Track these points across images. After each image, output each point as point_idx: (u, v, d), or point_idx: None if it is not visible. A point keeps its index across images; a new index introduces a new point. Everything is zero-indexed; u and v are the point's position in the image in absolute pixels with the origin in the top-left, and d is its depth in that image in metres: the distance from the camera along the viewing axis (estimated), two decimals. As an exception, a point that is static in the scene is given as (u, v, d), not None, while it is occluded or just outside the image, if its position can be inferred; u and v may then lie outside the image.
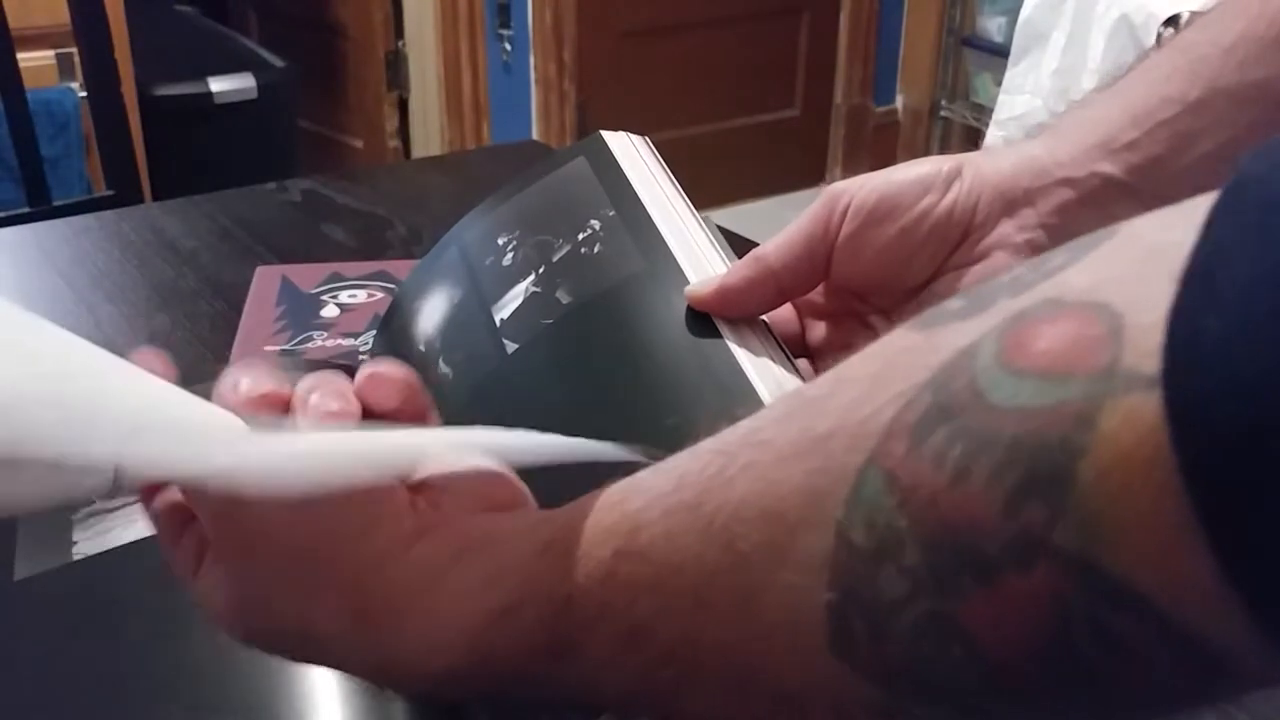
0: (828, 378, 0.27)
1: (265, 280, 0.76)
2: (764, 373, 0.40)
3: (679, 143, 2.40)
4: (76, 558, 0.44)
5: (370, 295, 0.74)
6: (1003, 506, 0.21)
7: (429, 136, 2.62)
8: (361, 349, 0.66)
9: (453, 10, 2.48)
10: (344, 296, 0.74)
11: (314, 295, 0.74)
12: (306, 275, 0.76)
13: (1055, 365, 0.21)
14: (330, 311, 0.72)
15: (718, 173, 2.57)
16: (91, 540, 0.45)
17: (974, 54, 2.71)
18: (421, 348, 0.51)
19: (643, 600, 0.28)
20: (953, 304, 0.25)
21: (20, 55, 1.28)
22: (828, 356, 0.47)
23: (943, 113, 2.81)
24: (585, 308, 0.45)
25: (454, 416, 0.48)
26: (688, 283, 0.44)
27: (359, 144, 2.71)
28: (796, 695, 0.26)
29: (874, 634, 0.24)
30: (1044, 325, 0.22)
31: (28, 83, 1.29)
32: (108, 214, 0.92)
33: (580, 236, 0.47)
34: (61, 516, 0.46)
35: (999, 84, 2.18)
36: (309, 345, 0.68)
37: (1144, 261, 0.21)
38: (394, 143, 2.65)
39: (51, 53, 1.83)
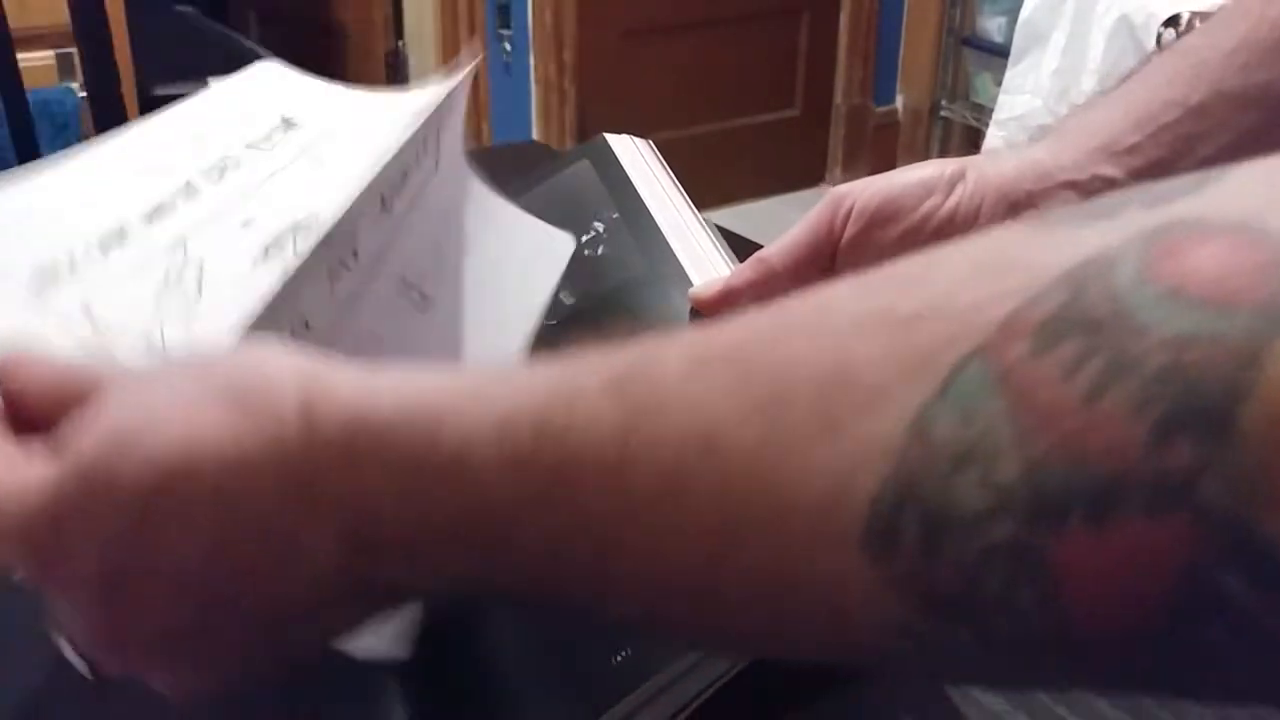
0: (917, 260, 0.23)
1: (265, 280, 0.76)
2: None
3: (679, 143, 2.40)
4: None
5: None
6: (1145, 440, 0.18)
7: (429, 137, 2.62)
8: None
9: (453, 10, 2.48)
10: (344, 297, 0.74)
11: (314, 296, 0.74)
12: (307, 276, 0.76)
13: (1214, 292, 0.19)
14: (330, 312, 0.72)
15: (718, 173, 2.57)
16: None
17: (974, 54, 2.71)
18: None
19: (643, 426, 0.23)
20: (1063, 210, 0.22)
21: (20, 55, 1.28)
22: None
23: (943, 113, 2.81)
24: (588, 309, 0.46)
25: None
26: (690, 284, 0.44)
27: (359, 144, 2.71)
28: (789, 582, 0.22)
29: (928, 547, 0.20)
30: (1195, 244, 0.19)
31: (28, 83, 1.29)
32: (108, 214, 0.92)
33: (584, 239, 0.48)
34: None
35: (999, 84, 2.18)
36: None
37: None
38: (394, 143, 2.65)
39: (51, 53, 1.83)
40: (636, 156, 0.51)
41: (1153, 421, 0.18)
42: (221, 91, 0.47)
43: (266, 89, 0.47)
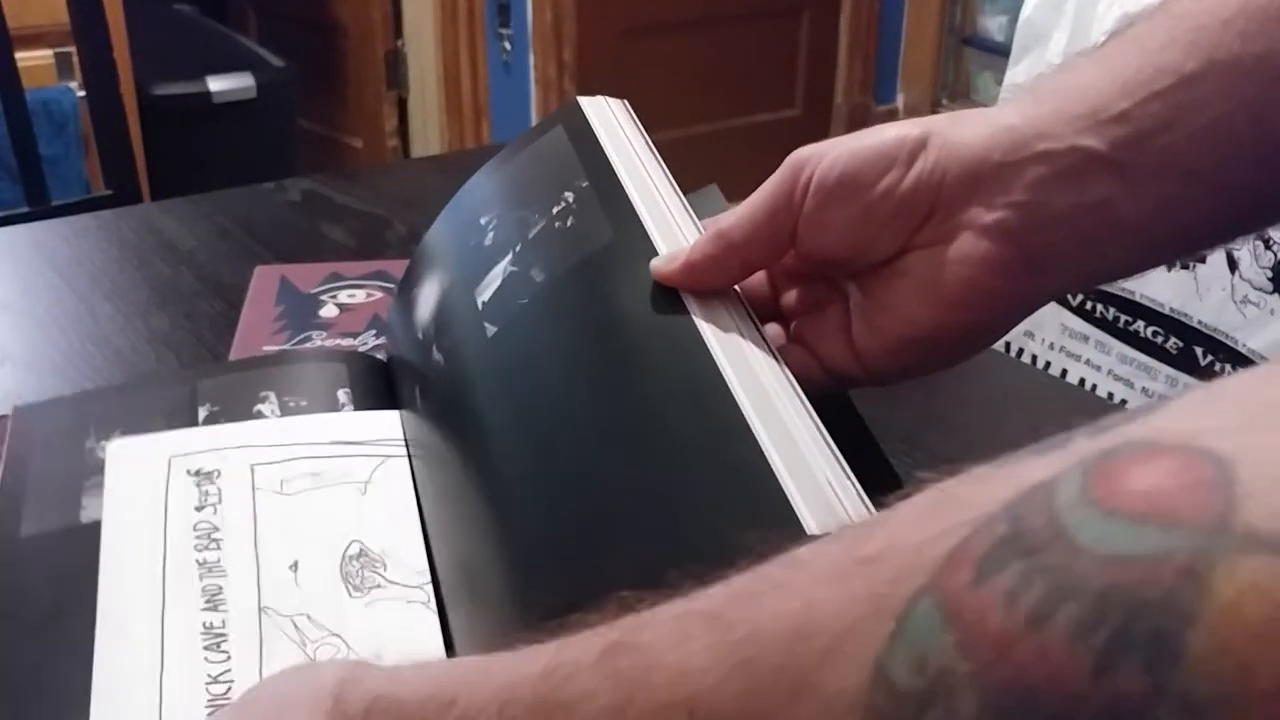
0: (878, 513, 0.24)
1: (264, 280, 0.76)
2: (729, 348, 0.38)
3: (679, 142, 2.39)
4: (84, 521, 0.45)
5: (369, 295, 0.74)
6: (1092, 667, 0.18)
7: (428, 136, 2.62)
8: (360, 348, 0.66)
9: (452, 9, 2.48)
10: (343, 296, 0.74)
11: (313, 295, 0.74)
12: (305, 275, 0.76)
13: (1154, 509, 0.18)
14: (329, 311, 0.72)
15: (718, 172, 2.55)
16: (97, 508, 0.45)
17: (975, 53, 2.71)
18: (419, 335, 0.51)
19: (637, 698, 0.25)
20: (1020, 452, 0.23)
21: (19, 54, 1.28)
22: (801, 330, 0.46)
23: (944, 111, 2.81)
24: (556, 284, 0.44)
25: (445, 406, 0.48)
26: (657, 254, 0.42)
27: (358, 143, 2.71)
28: None
29: None
30: (1137, 464, 0.19)
31: (26, 82, 1.29)
32: (106, 214, 0.92)
33: (555, 210, 0.46)
34: (73, 482, 0.46)
35: (1000, 83, 2.18)
36: (308, 345, 0.68)
37: (1255, 413, 0.19)
38: (393, 142, 2.65)
39: (50, 52, 1.83)
40: (610, 119, 0.49)
41: (1097, 648, 0.18)
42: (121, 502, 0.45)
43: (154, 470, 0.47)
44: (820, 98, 2.84)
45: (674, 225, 0.43)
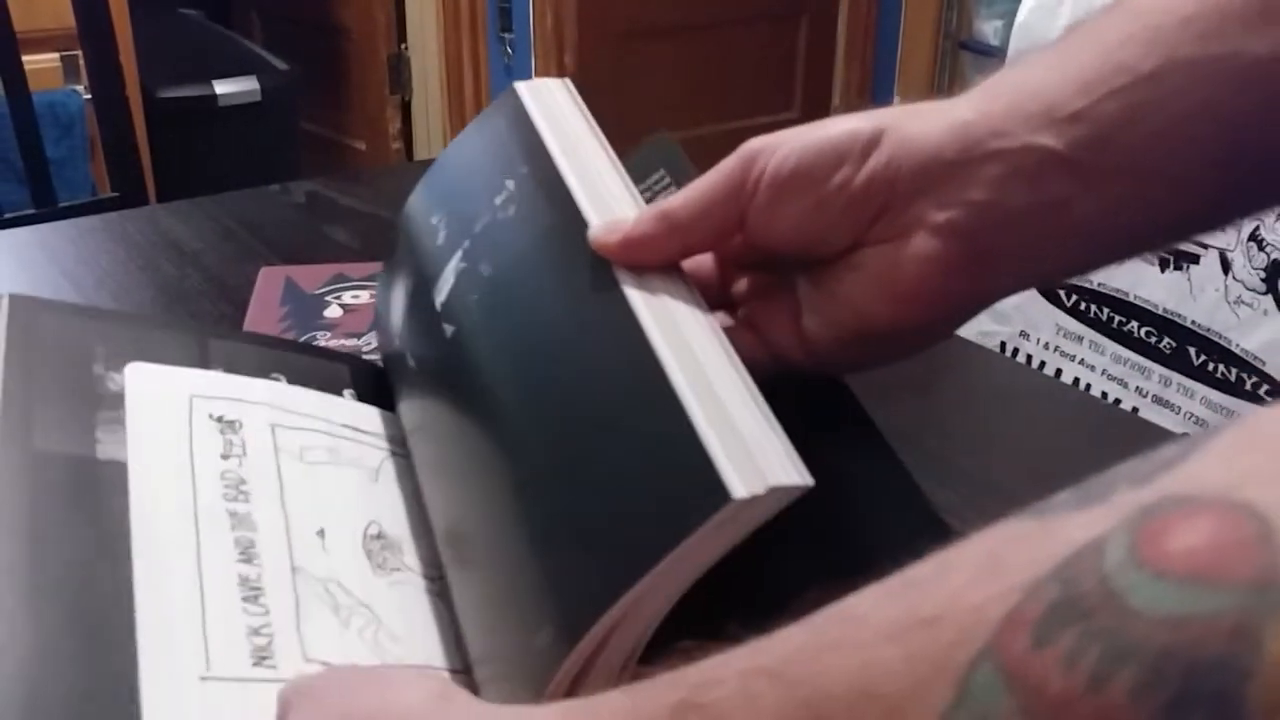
0: (930, 562, 0.24)
1: (269, 281, 0.77)
2: (660, 315, 0.37)
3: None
4: (101, 457, 0.42)
5: (373, 296, 0.75)
6: None
7: (431, 138, 2.63)
8: (364, 349, 0.67)
9: (455, 13, 2.49)
10: (347, 297, 0.75)
11: (317, 296, 0.75)
12: (310, 276, 0.77)
13: (1201, 570, 0.19)
14: (334, 312, 0.73)
15: (718, 174, 2.57)
16: (113, 446, 0.42)
17: (971, 57, 2.72)
18: (397, 343, 0.51)
19: None
20: (1063, 495, 0.23)
21: (25, 58, 1.28)
22: (750, 314, 0.45)
23: (942, 115, 2.81)
24: (501, 276, 0.43)
25: (420, 413, 0.48)
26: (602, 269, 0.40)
27: (362, 146, 2.72)
28: None
29: None
30: (1180, 522, 0.20)
31: (33, 85, 1.30)
32: (112, 215, 0.92)
33: (497, 201, 0.45)
34: (85, 410, 0.43)
35: (997, 86, 2.18)
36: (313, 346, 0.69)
37: None
38: (396, 145, 2.66)
39: (56, 55, 1.84)
40: (548, 101, 0.48)
41: (1160, 706, 0.19)
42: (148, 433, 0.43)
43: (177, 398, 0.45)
44: (818, 101, 2.85)
45: (611, 205, 0.42)
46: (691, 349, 0.36)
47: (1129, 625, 0.19)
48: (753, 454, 0.32)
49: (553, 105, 0.48)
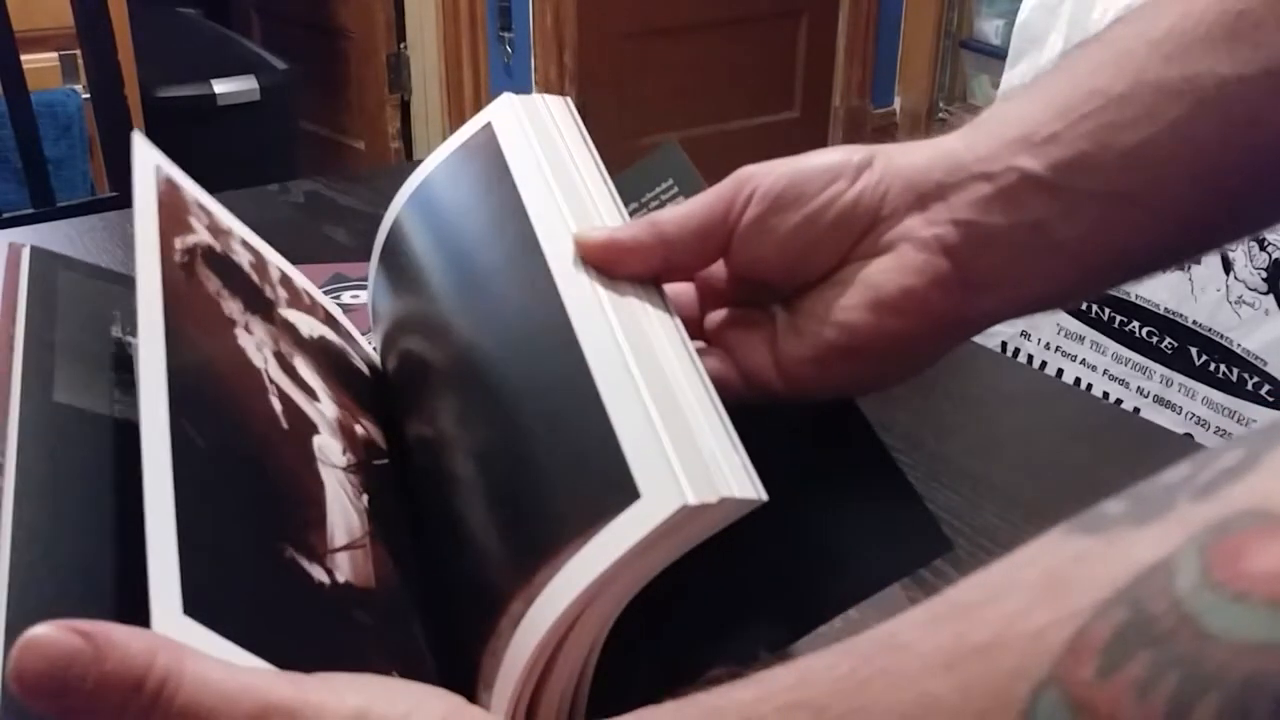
0: (976, 582, 0.23)
1: (268, 280, 0.77)
2: (626, 321, 0.37)
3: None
4: (118, 416, 0.42)
5: (372, 295, 0.75)
6: None
7: (431, 138, 2.63)
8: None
9: (454, 13, 2.49)
10: (346, 297, 0.75)
11: (316, 295, 0.75)
12: (309, 276, 0.77)
13: None
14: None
15: (717, 175, 2.56)
16: (129, 408, 0.42)
17: (971, 56, 2.72)
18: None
19: None
20: (1115, 506, 0.22)
21: (24, 57, 1.29)
22: (724, 340, 0.45)
23: (940, 114, 2.82)
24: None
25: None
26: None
27: (361, 146, 2.72)
28: None
29: None
30: (1256, 542, 0.19)
31: (31, 84, 1.30)
32: (111, 215, 0.92)
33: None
34: (101, 371, 0.43)
35: (996, 86, 2.19)
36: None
37: None
38: (396, 144, 2.66)
39: (55, 55, 1.84)
40: (541, 116, 0.48)
41: None
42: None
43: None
44: (818, 101, 2.85)
45: (594, 219, 0.42)
46: (658, 360, 0.36)
47: (1208, 651, 0.18)
48: (706, 462, 0.32)
49: (544, 119, 0.48)
